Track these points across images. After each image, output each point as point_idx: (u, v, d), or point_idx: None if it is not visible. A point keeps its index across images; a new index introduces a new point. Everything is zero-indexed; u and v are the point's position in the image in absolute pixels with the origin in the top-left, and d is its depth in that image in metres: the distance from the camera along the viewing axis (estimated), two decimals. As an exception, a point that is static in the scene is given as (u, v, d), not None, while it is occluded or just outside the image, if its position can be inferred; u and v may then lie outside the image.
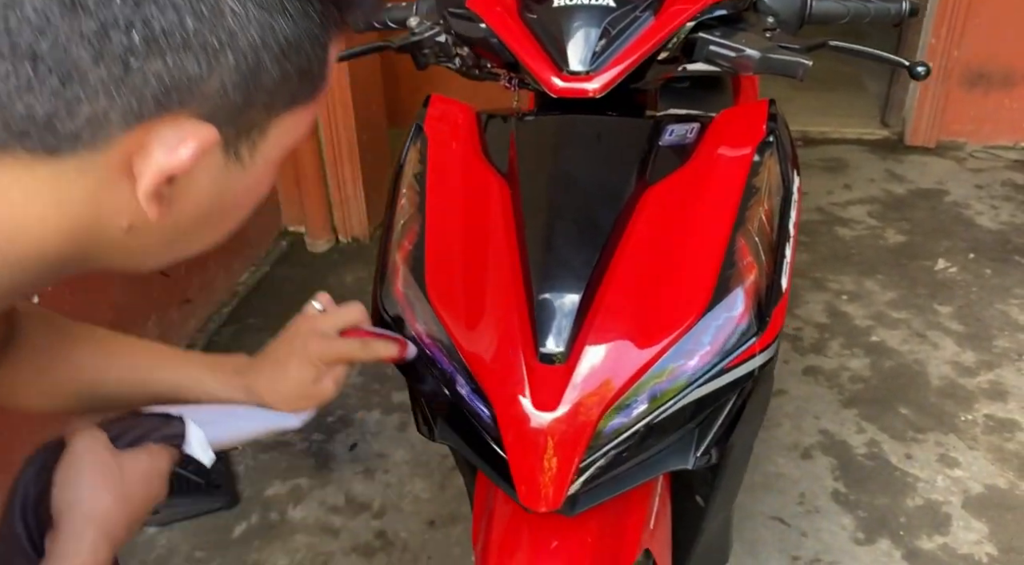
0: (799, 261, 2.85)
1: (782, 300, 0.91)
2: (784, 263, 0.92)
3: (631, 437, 0.84)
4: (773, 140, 0.97)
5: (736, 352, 0.86)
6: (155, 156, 0.46)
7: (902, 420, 2.14)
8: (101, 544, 0.64)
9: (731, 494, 1.25)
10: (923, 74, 0.99)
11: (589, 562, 0.91)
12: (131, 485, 0.68)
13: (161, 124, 0.46)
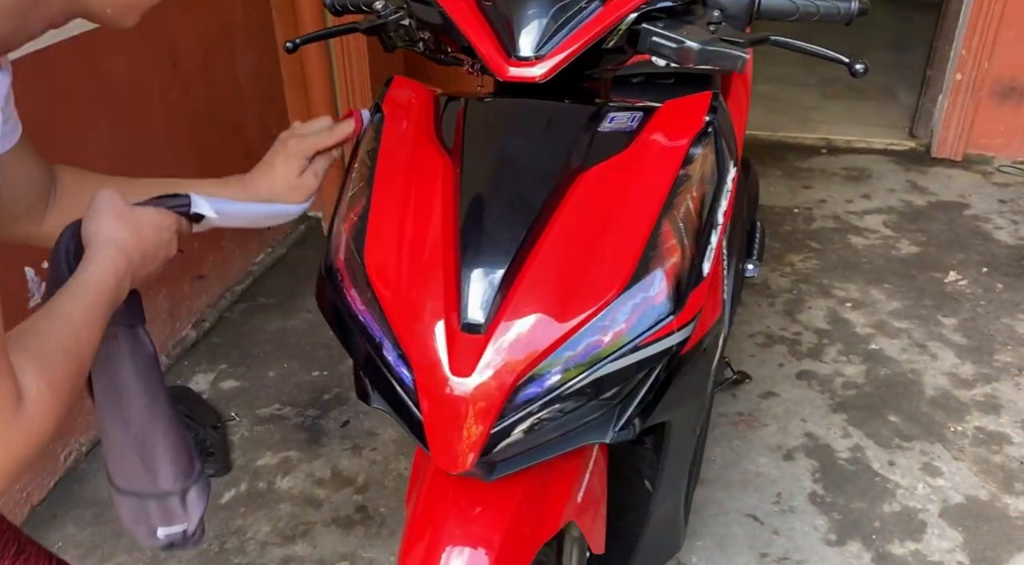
0: (807, 267, 2.85)
1: (702, 283, 0.94)
2: (708, 249, 0.96)
3: (545, 406, 0.88)
4: (711, 131, 1.01)
5: (651, 330, 0.89)
6: None
7: (890, 427, 2.13)
8: (119, 258, 0.82)
9: (677, 481, 1.28)
10: (860, 72, 1.01)
11: (508, 527, 0.95)
12: (143, 226, 0.86)
13: None
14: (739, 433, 2.12)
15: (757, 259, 1.93)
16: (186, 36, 2.32)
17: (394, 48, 1.16)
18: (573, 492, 1.03)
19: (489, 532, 0.93)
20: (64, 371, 0.71)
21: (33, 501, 1.90)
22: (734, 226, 1.83)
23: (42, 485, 1.93)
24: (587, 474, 1.07)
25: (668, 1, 1.01)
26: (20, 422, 0.64)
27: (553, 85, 1.03)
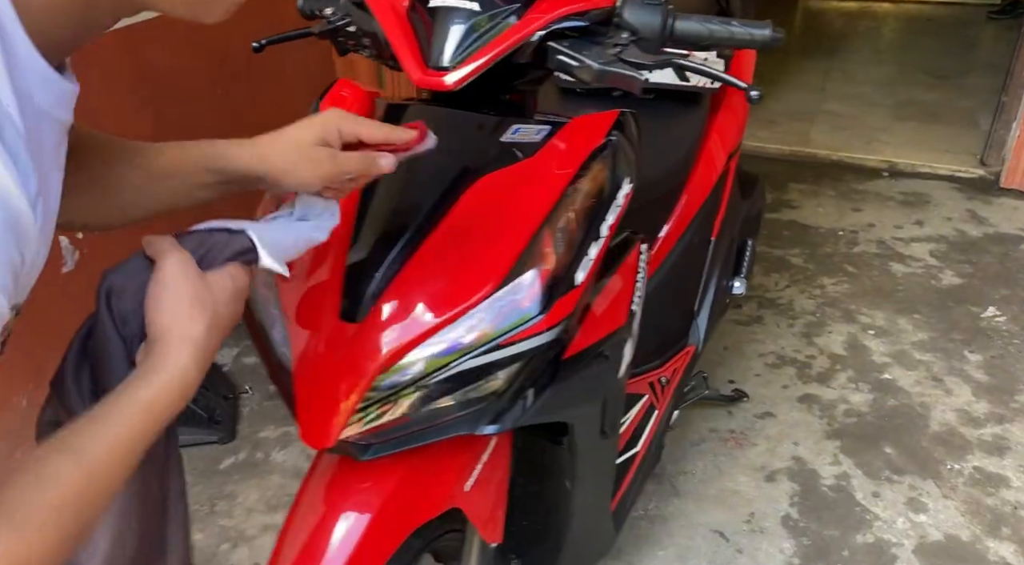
0: (837, 291, 2.80)
1: (573, 291, 0.99)
2: (585, 260, 1.00)
3: (408, 395, 0.95)
4: (610, 148, 1.05)
5: (514, 331, 0.95)
6: None
7: (883, 459, 2.09)
8: (192, 367, 0.68)
9: (594, 482, 1.32)
10: (755, 99, 1.03)
11: (382, 506, 1.02)
12: (220, 307, 0.71)
13: None
14: (726, 450, 2.12)
15: (744, 277, 1.94)
16: (237, 31, 2.48)
17: (346, 52, 1.25)
18: (459, 480, 1.10)
19: (362, 509, 1.00)
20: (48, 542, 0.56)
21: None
22: (719, 243, 1.85)
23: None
24: (479, 465, 1.13)
25: (575, 22, 1.05)
26: None
27: (482, 94, 1.10)
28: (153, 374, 0.65)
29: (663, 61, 1.06)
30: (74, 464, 0.58)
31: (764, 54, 4.99)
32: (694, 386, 1.97)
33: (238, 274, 0.75)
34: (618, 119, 1.08)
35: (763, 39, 1.08)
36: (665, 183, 1.64)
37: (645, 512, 1.93)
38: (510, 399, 1.00)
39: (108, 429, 0.61)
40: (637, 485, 1.58)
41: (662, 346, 1.74)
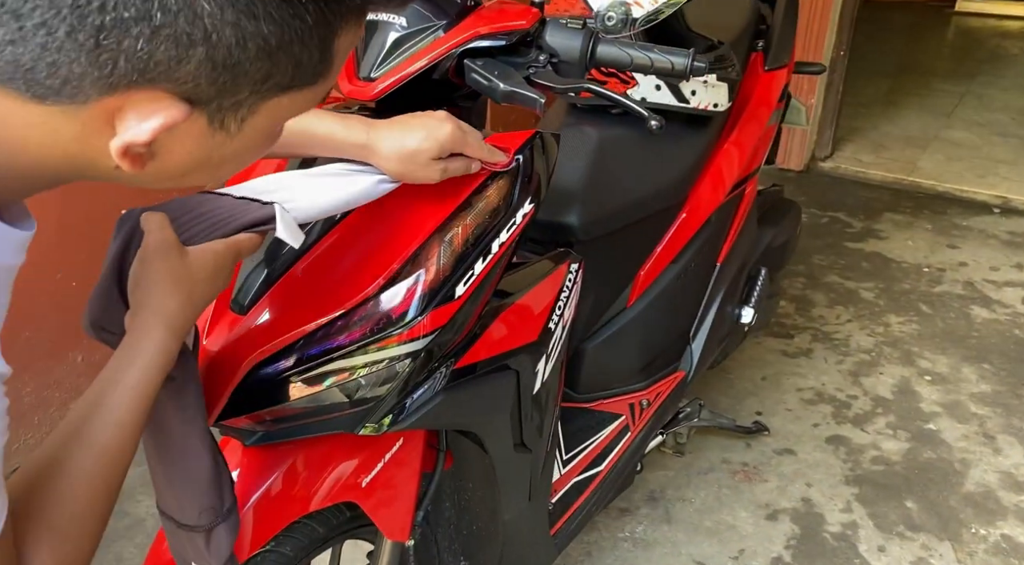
0: (902, 331, 2.64)
1: (450, 304, 1.01)
2: (468, 275, 1.02)
3: (280, 387, 1.00)
4: (515, 166, 1.06)
5: (383, 336, 0.98)
6: (127, 123, 0.50)
7: (900, 513, 1.96)
8: (169, 339, 0.74)
9: (517, 494, 1.33)
10: (655, 129, 1.02)
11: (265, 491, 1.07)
12: (197, 284, 0.76)
13: (138, 94, 0.49)
14: (733, 482, 2.05)
15: (753, 307, 1.87)
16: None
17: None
18: (355, 476, 1.14)
19: (245, 492, 1.07)
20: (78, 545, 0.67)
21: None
22: (725, 269, 1.80)
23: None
24: (380, 463, 1.17)
25: (493, 41, 1.07)
26: None
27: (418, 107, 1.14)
28: (136, 356, 0.72)
29: (577, 85, 1.06)
30: (92, 457, 0.69)
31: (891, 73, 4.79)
32: (689, 412, 1.92)
33: (224, 250, 0.80)
34: (530, 139, 1.09)
35: (681, 68, 1.06)
36: (657, 202, 1.61)
37: (631, 534, 1.90)
38: (393, 402, 1.04)
39: (110, 415, 0.70)
40: (594, 504, 1.57)
41: (648, 368, 1.71)
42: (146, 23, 0.46)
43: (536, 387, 1.22)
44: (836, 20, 3.48)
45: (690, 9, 1.70)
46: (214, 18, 0.47)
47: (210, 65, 0.49)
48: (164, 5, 0.46)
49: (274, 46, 0.50)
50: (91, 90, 0.48)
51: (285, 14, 0.49)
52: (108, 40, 0.46)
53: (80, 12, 0.45)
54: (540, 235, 1.54)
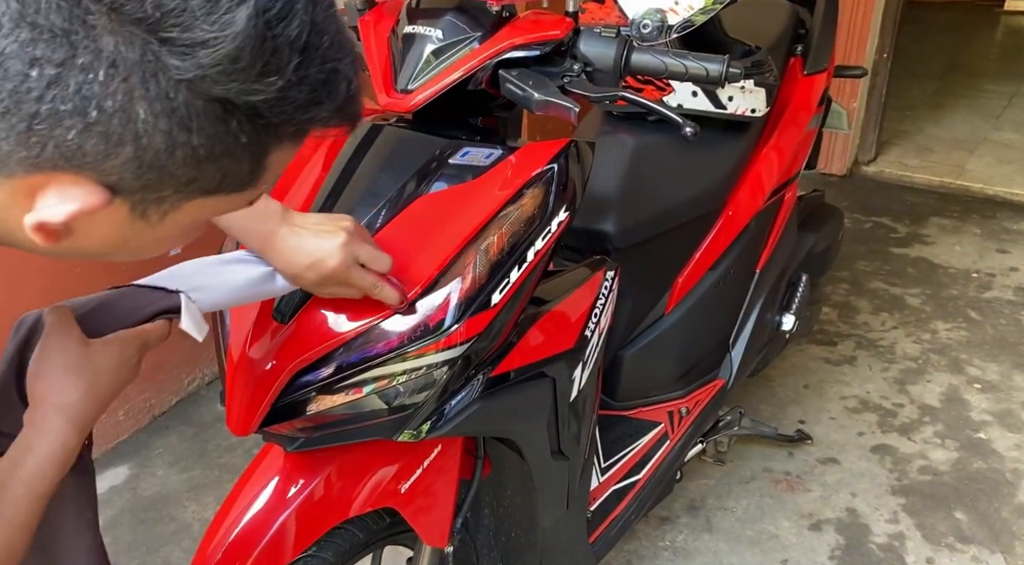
0: (950, 338, 2.59)
1: (486, 312, 1.02)
2: (504, 283, 1.03)
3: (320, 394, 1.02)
4: (550, 175, 1.07)
5: (421, 344, 1.00)
6: (47, 200, 0.50)
7: (950, 524, 1.92)
8: (70, 433, 0.70)
9: (555, 501, 1.33)
10: (690, 136, 1.02)
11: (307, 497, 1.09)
12: (101, 375, 0.73)
13: (62, 177, 0.49)
14: (775, 492, 2.03)
15: (794, 314, 1.85)
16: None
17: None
18: (394, 482, 1.15)
19: (286, 497, 1.08)
20: None
21: (155, 412, 2.35)
22: (764, 275, 1.79)
23: (165, 401, 2.38)
24: (419, 470, 1.18)
25: (527, 51, 1.08)
26: None
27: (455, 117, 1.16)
28: (32, 450, 0.69)
29: (612, 94, 1.07)
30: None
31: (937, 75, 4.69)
32: (729, 421, 1.91)
33: (130, 339, 0.77)
34: (565, 147, 1.09)
35: (716, 75, 1.06)
36: (695, 208, 1.61)
37: (671, 543, 1.89)
38: (431, 409, 1.05)
39: (2, 510, 0.67)
40: (632, 512, 1.56)
41: (687, 376, 1.70)
42: (80, 118, 0.46)
43: (573, 394, 1.22)
44: (879, 21, 3.43)
45: (727, 15, 1.69)
46: (147, 124, 0.48)
47: (136, 163, 0.49)
48: (101, 105, 0.46)
49: (203, 156, 0.50)
50: (16, 167, 0.48)
51: (219, 130, 0.50)
52: (40, 126, 0.47)
53: (17, 97, 0.46)
54: (577, 243, 1.55)
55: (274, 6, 0.48)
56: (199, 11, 0.46)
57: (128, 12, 0.45)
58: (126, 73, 0.46)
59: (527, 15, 1.16)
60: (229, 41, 0.47)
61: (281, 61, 0.49)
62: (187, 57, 0.47)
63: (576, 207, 1.11)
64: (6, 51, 0.45)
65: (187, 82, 0.47)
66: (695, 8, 1.35)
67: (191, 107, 0.48)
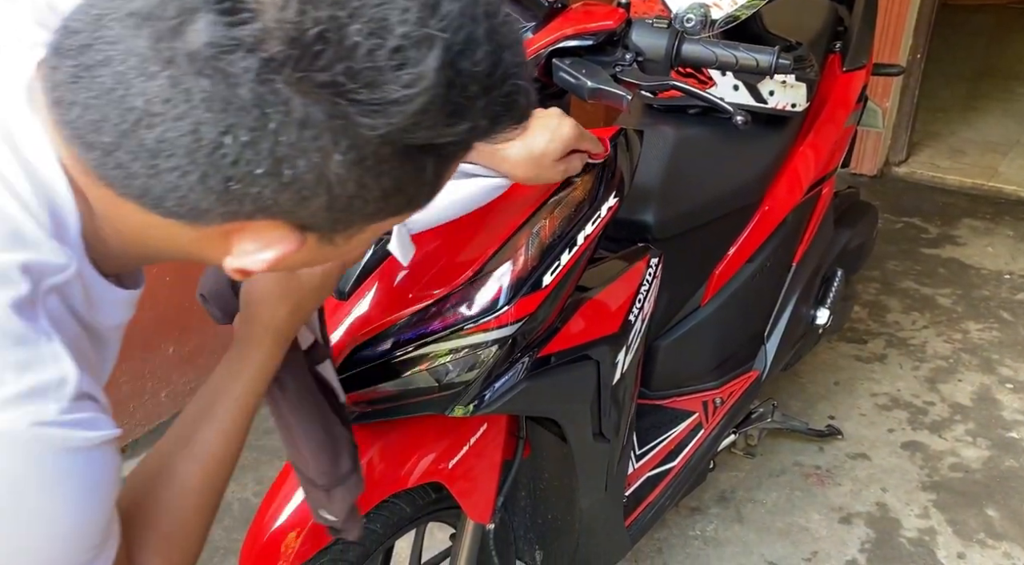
0: (982, 338, 2.59)
1: (538, 292, 1.05)
2: (555, 265, 1.06)
3: (379, 368, 1.06)
4: (600, 162, 1.10)
5: (474, 323, 1.03)
6: (247, 246, 0.54)
7: (981, 520, 1.93)
8: (276, 350, 0.78)
9: (594, 483, 1.36)
10: (741, 124, 1.04)
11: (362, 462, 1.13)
12: (306, 294, 0.78)
13: (257, 224, 0.52)
14: (805, 485, 2.05)
15: (828, 308, 1.87)
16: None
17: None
18: (442, 458, 1.19)
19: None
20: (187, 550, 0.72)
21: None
22: (800, 269, 1.81)
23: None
24: (465, 447, 1.21)
25: (580, 41, 1.11)
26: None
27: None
28: (244, 369, 0.77)
29: (662, 83, 1.09)
30: (199, 467, 0.73)
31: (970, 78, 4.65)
32: (762, 413, 1.93)
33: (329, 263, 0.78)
34: (615, 135, 1.13)
35: (766, 66, 1.09)
36: (734, 201, 1.63)
37: (702, 533, 1.91)
38: (480, 387, 1.09)
39: (218, 426, 0.74)
40: (667, 499, 1.59)
41: (722, 367, 1.73)
42: (274, 177, 0.48)
43: (616, 378, 1.25)
44: (913, 23, 3.43)
45: (768, 11, 1.71)
46: (339, 176, 0.49)
47: (328, 208, 0.51)
48: (293, 164, 0.47)
49: (391, 192, 0.52)
50: (214, 218, 0.51)
51: (407, 169, 0.51)
52: (236, 186, 0.48)
53: (214, 163, 0.47)
54: (617, 233, 1.57)
55: (458, 39, 0.47)
56: (387, 69, 0.45)
57: (317, 79, 0.45)
58: (316, 133, 0.47)
59: (578, 6, 1.19)
60: (419, 96, 0.46)
61: (469, 101, 0.49)
62: (377, 115, 0.47)
63: (624, 193, 1.14)
64: (200, 121, 0.46)
65: (378, 136, 0.48)
66: (738, 3, 1.38)
67: (381, 155, 0.49)
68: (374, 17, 0.45)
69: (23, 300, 0.50)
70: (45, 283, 0.52)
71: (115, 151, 0.48)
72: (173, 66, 0.45)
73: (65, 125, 0.50)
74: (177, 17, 0.44)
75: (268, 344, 0.78)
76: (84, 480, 0.53)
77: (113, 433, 0.55)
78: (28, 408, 0.49)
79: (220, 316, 0.84)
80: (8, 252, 0.50)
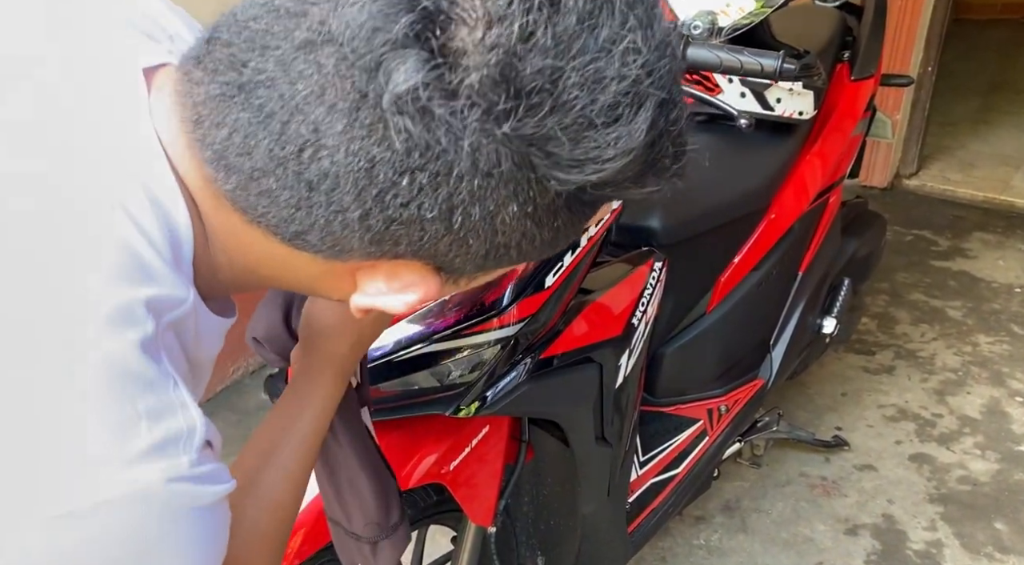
0: (992, 352, 2.57)
1: (539, 294, 1.05)
2: (558, 265, 1.07)
3: (378, 369, 1.06)
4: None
5: (475, 323, 1.04)
6: (378, 284, 0.49)
7: (990, 534, 1.91)
8: (339, 386, 0.73)
9: (595, 488, 1.36)
10: (745, 127, 1.05)
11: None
12: (367, 327, 0.73)
13: (397, 263, 0.48)
14: (811, 496, 2.03)
15: (835, 317, 1.86)
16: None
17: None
18: (444, 459, 1.19)
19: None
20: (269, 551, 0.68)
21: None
22: (807, 278, 1.80)
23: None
24: (467, 449, 1.22)
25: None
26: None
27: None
28: (307, 406, 0.71)
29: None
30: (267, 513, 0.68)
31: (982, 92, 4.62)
32: (767, 422, 1.92)
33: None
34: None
35: (771, 70, 1.09)
36: (740, 209, 1.63)
37: (706, 542, 1.90)
38: (482, 388, 1.09)
39: (283, 470, 0.69)
40: (670, 506, 1.58)
41: (727, 375, 1.72)
42: (443, 224, 0.44)
43: (619, 381, 1.25)
44: (923, 36, 3.42)
45: (776, 20, 1.72)
46: (507, 226, 0.45)
47: (481, 258, 0.48)
48: (467, 211, 0.44)
49: (548, 242, 0.49)
50: (354, 255, 0.47)
51: (569, 222, 0.48)
52: (398, 228, 0.45)
53: (382, 202, 0.43)
54: (622, 239, 1.57)
55: (666, 97, 0.44)
56: (599, 125, 0.42)
57: (525, 131, 0.42)
58: (499, 183, 0.44)
59: None
60: (624, 156, 0.43)
61: (661, 160, 0.46)
62: (573, 171, 0.43)
63: (629, 196, 1.14)
64: (377, 158, 0.42)
65: (565, 191, 0.45)
66: (745, 11, 1.38)
67: (555, 207, 0.46)
68: (592, 68, 0.41)
69: (149, 340, 0.45)
70: (164, 319, 0.47)
71: (263, 178, 0.45)
72: (364, 99, 0.41)
73: (207, 146, 0.46)
74: (380, 50, 0.40)
75: (329, 379, 0.72)
76: (210, 539, 0.49)
77: (232, 486, 0.50)
78: (162, 463, 0.44)
79: (276, 359, 0.78)
80: (132, 287, 0.45)
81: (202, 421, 0.47)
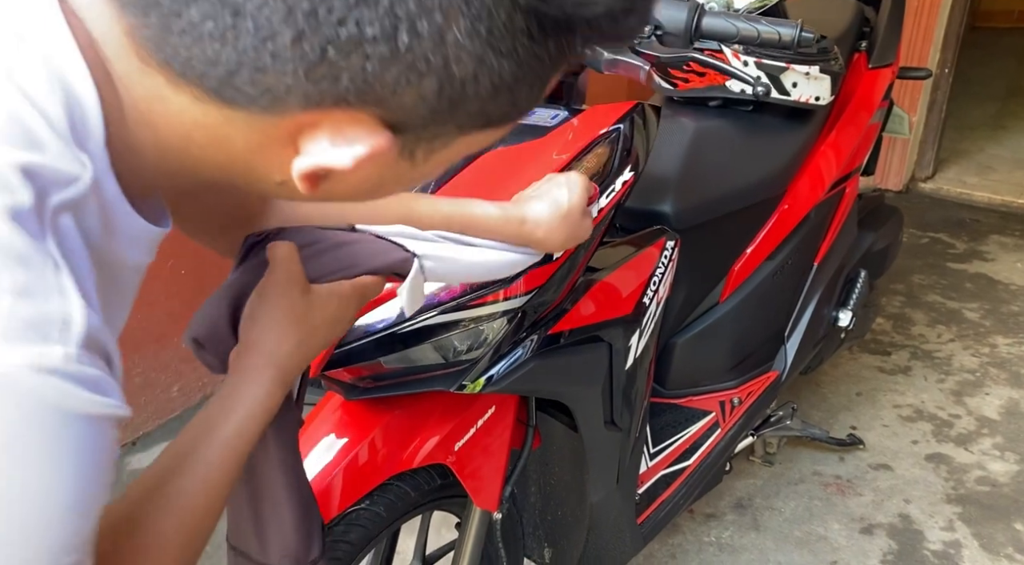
0: (1011, 353, 2.53)
1: (548, 266, 1.02)
2: (567, 238, 1.03)
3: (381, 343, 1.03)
4: (616, 135, 1.08)
5: (479, 295, 1.01)
6: (322, 144, 0.44)
7: (1009, 534, 1.86)
8: (276, 387, 0.64)
9: (604, 475, 1.32)
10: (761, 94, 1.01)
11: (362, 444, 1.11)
12: (316, 329, 0.67)
13: (339, 115, 0.43)
14: (825, 495, 1.99)
15: (851, 310, 1.82)
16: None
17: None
18: (449, 439, 1.16)
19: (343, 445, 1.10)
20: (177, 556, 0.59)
21: (206, 391, 2.39)
22: (822, 269, 1.77)
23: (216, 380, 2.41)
24: (472, 429, 1.18)
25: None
26: None
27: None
28: (237, 405, 0.63)
29: (678, 55, 1.07)
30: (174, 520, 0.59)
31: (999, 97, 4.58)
32: (781, 416, 1.88)
33: (350, 293, 0.70)
34: (632, 109, 1.10)
35: (789, 39, 1.06)
36: (754, 195, 1.60)
37: (717, 539, 1.86)
38: (488, 363, 1.06)
39: (200, 473, 0.61)
40: (681, 498, 1.54)
41: (740, 366, 1.68)
42: (386, 43, 0.40)
43: (628, 362, 1.22)
44: (940, 37, 3.38)
45: (793, 9, 1.69)
46: (459, 48, 0.41)
47: (435, 96, 0.43)
48: (413, 27, 0.39)
49: (501, 84, 0.44)
50: (291, 104, 0.42)
51: (530, 53, 0.43)
52: (335, 55, 0.40)
53: (315, 20, 0.39)
54: (634, 223, 1.54)
55: None
56: None
57: None
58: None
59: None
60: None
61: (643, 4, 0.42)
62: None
63: (640, 169, 1.11)
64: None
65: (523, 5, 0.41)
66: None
67: (510, 25, 0.41)
68: None
69: (25, 212, 0.40)
70: (54, 198, 0.42)
71: (185, 10, 0.40)
72: None
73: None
74: None
75: (267, 380, 0.64)
76: (83, 458, 0.41)
77: (119, 408, 0.43)
78: (28, 348, 0.39)
79: (216, 363, 0.68)
80: (7, 151, 0.40)
81: (84, 315, 0.41)
